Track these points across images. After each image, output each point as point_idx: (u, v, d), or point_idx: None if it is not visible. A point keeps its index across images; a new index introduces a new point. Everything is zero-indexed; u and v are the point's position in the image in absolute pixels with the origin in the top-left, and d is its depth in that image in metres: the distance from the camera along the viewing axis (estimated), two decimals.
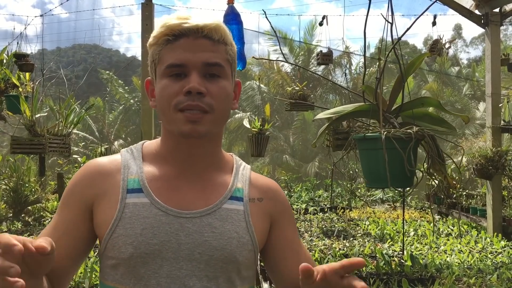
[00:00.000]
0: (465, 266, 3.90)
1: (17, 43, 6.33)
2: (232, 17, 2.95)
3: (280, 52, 19.72)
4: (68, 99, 5.40)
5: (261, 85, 20.43)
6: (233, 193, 1.08)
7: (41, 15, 7.32)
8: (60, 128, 5.20)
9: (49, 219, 5.43)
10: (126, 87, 24.39)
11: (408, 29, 2.28)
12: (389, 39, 2.23)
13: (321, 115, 2.75)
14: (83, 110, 5.79)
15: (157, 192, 1.02)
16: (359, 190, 9.67)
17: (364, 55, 2.43)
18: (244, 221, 1.06)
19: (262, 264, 3.70)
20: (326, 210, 7.63)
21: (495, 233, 5.55)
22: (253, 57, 3.56)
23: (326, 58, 6.51)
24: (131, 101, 23.51)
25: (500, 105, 5.84)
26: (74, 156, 7.73)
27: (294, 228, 1.19)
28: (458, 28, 32.34)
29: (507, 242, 5.08)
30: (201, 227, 1.00)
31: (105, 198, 1.01)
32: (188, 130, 0.99)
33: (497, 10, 5.85)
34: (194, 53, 0.99)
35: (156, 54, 1.03)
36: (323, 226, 5.83)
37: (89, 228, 1.03)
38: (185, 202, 1.02)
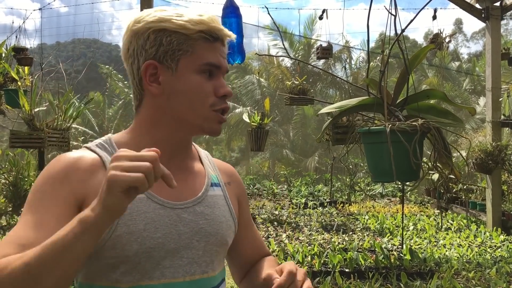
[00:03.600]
0: (464, 260, 3.90)
1: (16, 37, 6.31)
2: (231, 10, 2.94)
3: (280, 46, 19.69)
4: (67, 93, 5.38)
5: (261, 80, 20.39)
6: (211, 180, 1.13)
7: (40, 9, 7.30)
8: (59, 122, 5.19)
9: None
10: (126, 82, 24.34)
11: (411, 21, 2.27)
12: (392, 31, 2.22)
13: (326, 109, 2.74)
14: (82, 104, 5.78)
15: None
16: (358, 185, 9.67)
17: (368, 48, 2.42)
18: (226, 205, 1.13)
19: None
20: (325, 204, 7.63)
21: (495, 227, 5.55)
22: (256, 53, 3.53)
23: (325, 52, 6.48)
24: (131, 95, 23.47)
25: (500, 99, 5.83)
26: (73, 150, 7.73)
27: (249, 210, 1.28)
28: (458, 23, 32.26)
29: (506, 236, 5.08)
30: (195, 216, 1.04)
31: (96, 195, 0.89)
32: (218, 129, 1.05)
33: (497, 4, 5.82)
34: (224, 58, 1.05)
35: (188, 45, 1.01)
36: (323, 221, 5.83)
37: None
38: (176, 193, 1.03)
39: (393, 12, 2.06)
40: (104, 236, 0.94)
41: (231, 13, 2.96)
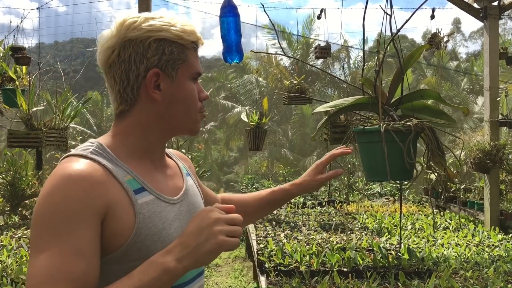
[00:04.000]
0: (462, 260, 3.90)
1: (14, 36, 6.30)
2: (229, 9, 2.93)
3: (278, 46, 19.68)
4: (65, 93, 5.38)
5: (260, 79, 20.39)
6: (183, 172, 1.24)
7: (38, 8, 7.29)
8: (57, 122, 5.19)
9: None
10: None
11: (407, 21, 2.26)
12: (388, 31, 2.22)
13: (320, 108, 2.74)
14: (80, 104, 5.78)
15: (151, 186, 1.07)
16: (357, 184, 9.67)
17: (363, 48, 2.42)
18: (197, 190, 1.26)
19: (260, 258, 3.70)
20: (324, 204, 7.63)
21: (493, 227, 5.56)
22: (251, 50, 3.53)
23: (324, 51, 6.49)
24: None
25: (498, 99, 5.83)
26: (71, 150, 7.72)
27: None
28: (457, 22, 32.31)
29: (504, 236, 5.09)
30: (187, 207, 1.15)
31: (115, 206, 0.96)
32: (199, 130, 1.16)
33: (495, 3, 5.82)
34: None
35: (184, 55, 1.09)
36: (321, 220, 5.83)
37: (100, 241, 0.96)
38: (169, 190, 1.12)
39: (389, 12, 2.06)
40: (128, 242, 0.97)
41: (229, 12, 2.95)
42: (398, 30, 2.10)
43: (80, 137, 13.03)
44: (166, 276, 0.88)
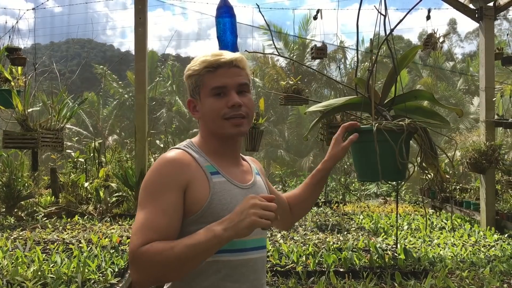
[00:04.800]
0: (458, 260, 3.91)
1: (9, 37, 6.27)
2: (225, 10, 2.94)
3: (274, 47, 19.67)
4: (61, 93, 5.36)
5: (256, 80, 20.39)
6: (253, 171, 1.61)
7: (33, 9, 7.25)
8: (53, 122, 5.17)
9: (42, 214, 5.40)
10: (120, 82, 24.28)
11: (401, 20, 2.26)
12: (382, 31, 2.21)
13: (313, 108, 2.73)
14: (76, 105, 5.76)
15: (226, 173, 1.47)
16: (353, 185, 9.68)
17: (357, 47, 2.42)
18: (265, 188, 1.64)
19: None
20: (320, 204, 7.63)
21: (488, 227, 5.57)
22: (246, 50, 3.51)
23: (320, 52, 6.50)
24: (125, 96, 23.40)
25: (493, 99, 5.85)
26: (67, 151, 7.69)
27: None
28: (453, 23, 32.39)
29: (500, 236, 5.10)
30: (254, 193, 1.45)
31: (196, 181, 1.39)
32: (236, 132, 1.46)
33: (491, 4, 5.84)
34: (230, 78, 1.45)
35: (200, 81, 1.47)
36: (317, 220, 5.83)
37: (183, 206, 1.37)
38: (240, 178, 1.51)
39: (383, 12, 2.06)
40: (203, 208, 1.37)
41: (225, 13, 2.95)
42: (392, 30, 2.11)
43: (76, 138, 12.97)
44: (214, 240, 1.23)
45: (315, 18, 6.45)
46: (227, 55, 1.46)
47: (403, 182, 2.44)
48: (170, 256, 1.23)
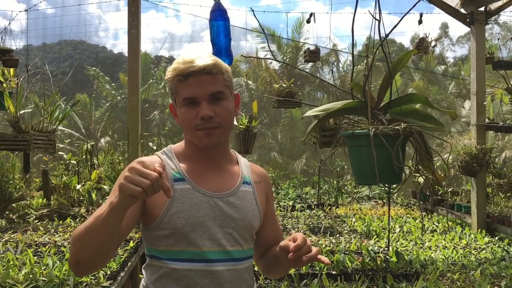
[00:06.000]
0: (449, 262, 3.94)
1: (1, 38, 6.23)
2: (219, 13, 2.94)
3: (268, 49, 19.71)
4: (53, 95, 5.34)
5: (249, 82, 20.41)
6: (244, 179, 1.53)
7: (26, 10, 7.22)
8: (45, 124, 5.14)
9: (34, 216, 5.36)
10: (113, 84, 24.19)
11: (395, 26, 2.29)
12: (376, 36, 2.24)
13: (310, 112, 2.75)
14: (68, 107, 5.73)
15: (194, 180, 1.43)
16: (346, 187, 9.71)
17: (352, 52, 2.44)
18: (254, 199, 1.52)
19: None
20: (313, 207, 7.65)
21: (479, 230, 5.61)
22: (241, 55, 3.52)
23: (313, 55, 6.52)
24: (118, 97, 23.33)
25: (484, 103, 5.89)
26: (59, 153, 7.64)
27: (274, 204, 1.72)
28: (444, 27, 32.63)
29: (491, 238, 5.14)
30: (228, 204, 1.44)
31: None
32: (206, 142, 1.43)
33: (482, 9, 5.89)
34: (201, 87, 1.39)
35: (174, 89, 1.44)
36: (310, 223, 5.85)
37: (140, 208, 1.38)
38: (214, 187, 1.45)
39: (378, 17, 2.08)
40: (161, 214, 1.38)
41: (219, 16, 2.96)
42: (387, 36, 2.13)
43: (68, 140, 12.90)
44: (108, 208, 1.18)
45: (308, 21, 6.48)
46: (199, 62, 1.40)
47: (398, 185, 2.46)
48: (82, 229, 1.24)
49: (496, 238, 5.25)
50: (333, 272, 3.48)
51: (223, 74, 1.44)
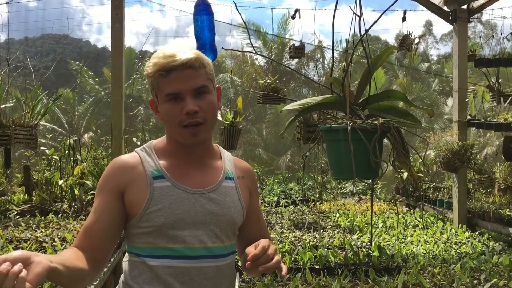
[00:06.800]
0: (430, 256, 3.99)
1: None
2: (203, 8, 2.93)
3: (254, 45, 19.68)
4: (35, 89, 5.27)
5: (234, 78, 20.36)
6: (226, 174, 1.50)
7: (7, 3, 7.11)
8: (27, 119, 5.08)
9: (15, 212, 5.30)
10: (97, 79, 23.94)
11: (375, 21, 2.31)
12: (358, 32, 2.25)
13: (289, 106, 2.76)
14: (50, 101, 5.67)
15: (174, 177, 1.41)
16: (330, 183, 9.77)
17: (333, 47, 2.45)
18: (236, 194, 1.49)
19: None
20: (297, 202, 7.68)
21: (460, 225, 5.70)
22: (222, 48, 3.52)
23: (298, 51, 6.54)
24: (102, 93, 23.10)
25: (466, 100, 5.97)
26: (41, 148, 7.55)
27: (258, 200, 1.66)
28: (428, 25, 32.90)
29: (471, 233, 5.23)
30: (209, 200, 1.42)
31: (134, 185, 1.38)
32: (192, 141, 1.40)
33: (465, 7, 5.96)
34: (184, 82, 1.36)
35: (155, 84, 1.40)
36: (294, 219, 5.88)
37: (121, 207, 1.39)
38: (195, 183, 1.43)
39: (358, 13, 2.10)
40: (140, 213, 1.36)
41: (203, 11, 2.95)
42: (367, 31, 2.15)
43: (51, 135, 12.75)
44: None
45: (293, 17, 6.49)
46: (181, 56, 1.36)
47: (377, 181, 2.49)
48: None
49: (477, 233, 5.34)
50: (316, 267, 3.50)
51: (205, 68, 1.41)
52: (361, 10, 2.09)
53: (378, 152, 1.90)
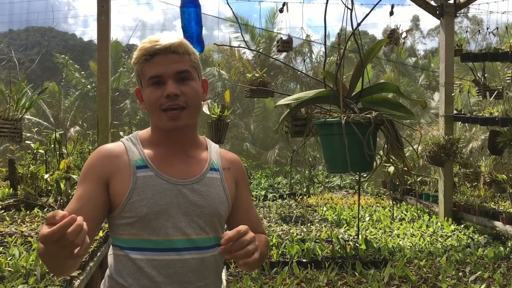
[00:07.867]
0: (417, 249, 4.03)
1: None
2: (190, 0, 2.90)
3: (242, 39, 19.62)
4: (19, 82, 5.19)
5: (222, 72, 20.29)
6: (211, 166, 1.49)
7: None
8: (11, 113, 5.00)
9: (0, 206, 5.23)
10: (83, 72, 23.67)
11: (366, 15, 2.31)
12: (349, 25, 2.24)
13: (283, 101, 2.76)
14: (35, 94, 5.59)
15: (158, 167, 1.40)
16: (317, 177, 9.80)
17: (325, 41, 2.45)
18: (221, 186, 1.48)
19: None
20: (285, 196, 7.70)
21: (446, 218, 5.76)
22: (214, 43, 3.48)
23: (285, 45, 6.52)
24: (88, 86, 22.85)
25: (453, 94, 6.02)
26: (26, 142, 7.45)
27: (248, 192, 1.64)
28: (416, 20, 33.06)
29: (457, 226, 5.29)
30: (193, 192, 1.40)
31: (118, 174, 1.38)
32: (171, 126, 1.38)
33: (451, 1, 6.00)
34: (166, 65, 1.36)
35: (140, 70, 1.41)
36: (282, 212, 5.89)
37: (105, 197, 1.38)
38: (179, 173, 1.41)
39: (350, 7, 2.09)
40: (122, 203, 1.35)
41: (190, 3, 2.92)
42: (358, 25, 2.14)
43: (36, 129, 12.58)
44: (44, 250, 1.14)
45: (281, 11, 6.46)
46: (165, 40, 1.37)
47: (366, 174, 2.50)
48: (40, 252, 1.21)
49: (462, 226, 5.40)
50: (304, 260, 3.51)
51: (189, 55, 1.41)
52: (352, 3, 2.08)
53: (372, 145, 1.91)
